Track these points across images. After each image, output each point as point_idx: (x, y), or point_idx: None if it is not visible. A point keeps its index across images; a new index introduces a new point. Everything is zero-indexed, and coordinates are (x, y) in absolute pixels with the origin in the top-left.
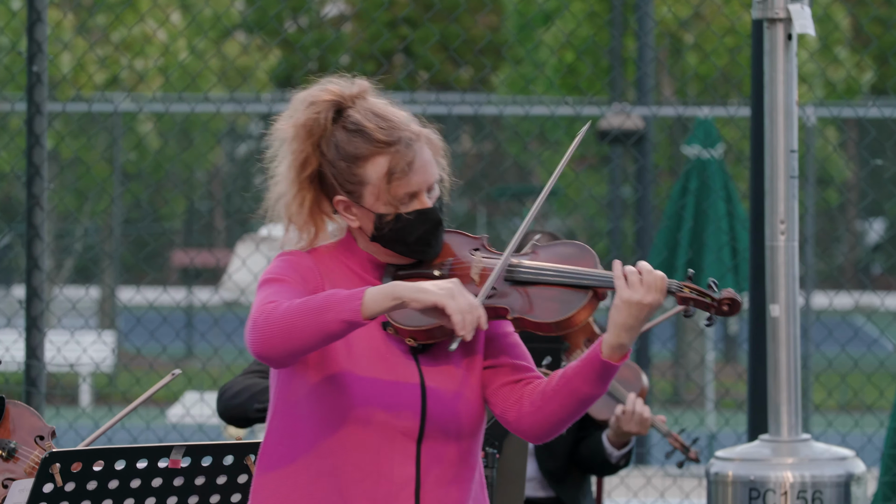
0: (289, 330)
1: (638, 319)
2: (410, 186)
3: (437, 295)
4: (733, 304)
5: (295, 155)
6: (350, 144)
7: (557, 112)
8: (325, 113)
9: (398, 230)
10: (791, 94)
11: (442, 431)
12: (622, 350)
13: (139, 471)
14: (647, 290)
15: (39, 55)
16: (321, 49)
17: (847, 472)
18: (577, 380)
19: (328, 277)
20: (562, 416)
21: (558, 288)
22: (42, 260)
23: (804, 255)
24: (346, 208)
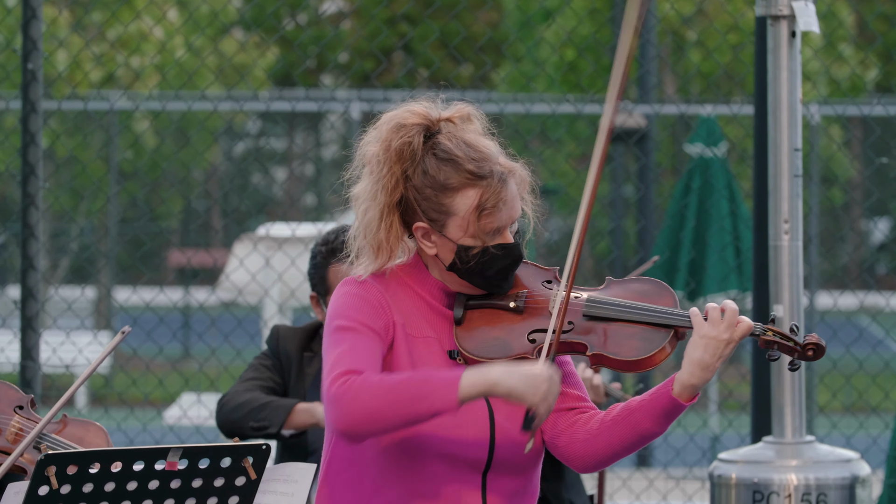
0: (379, 415)
1: (714, 357)
2: (499, 222)
3: (531, 401)
4: (818, 349)
5: (385, 180)
6: (440, 173)
7: (559, 110)
8: (416, 138)
9: (480, 263)
10: (795, 92)
11: (508, 464)
12: (694, 391)
13: (136, 473)
14: (727, 327)
15: (34, 52)
16: (320, 46)
17: (852, 474)
18: (641, 414)
19: (396, 306)
20: (617, 449)
21: (639, 326)
22: (37, 260)
23: (808, 254)
24: (426, 235)
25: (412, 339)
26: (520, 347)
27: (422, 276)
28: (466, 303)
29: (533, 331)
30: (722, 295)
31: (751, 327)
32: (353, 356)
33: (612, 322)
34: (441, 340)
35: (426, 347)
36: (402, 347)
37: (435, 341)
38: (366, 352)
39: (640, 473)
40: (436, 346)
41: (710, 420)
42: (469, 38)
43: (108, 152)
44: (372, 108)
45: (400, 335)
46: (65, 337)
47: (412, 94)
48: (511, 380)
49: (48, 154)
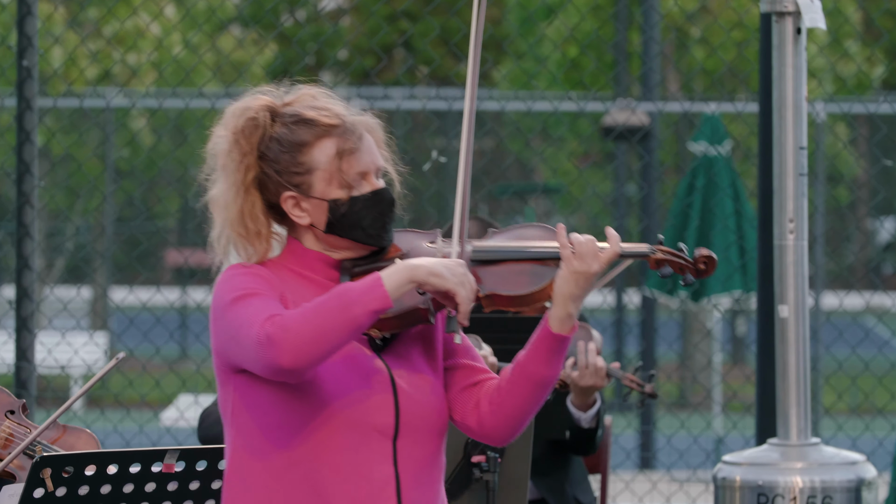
0: (319, 335)
1: (583, 289)
2: (361, 165)
3: (451, 282)
4: (709, 261)
5: (236, 162)
6: (293, 135)
7: (560, 108)
8: (261, 114)
9: (354, 213)
10: (800, 90)
11: (416, 429)
12: (571, 321)
13: (132, 475)
14: (592, 259)
15: (30, 49)
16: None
17: (858, 476)
18: (532, 364)
19: (286, 290)
20: (524, 408)
21: (527, 263)
22: (32, 259)
23: (814, 254)
24: (296, 204)
25: None
26: (411, 300)
27: (301, 255)
28: (353, 270)
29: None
30: (726, 295)
31: (616, 253)
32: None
33: (500, 264)
34: None
35: None
36: None
37: None
38: (275, 307)
39: (644, 476)
40: None
41: (714, 422)
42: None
43: (104, 150)
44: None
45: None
46: (60, 337)
47: (412, 91)
48: (430, 262)
49: (43, 152)
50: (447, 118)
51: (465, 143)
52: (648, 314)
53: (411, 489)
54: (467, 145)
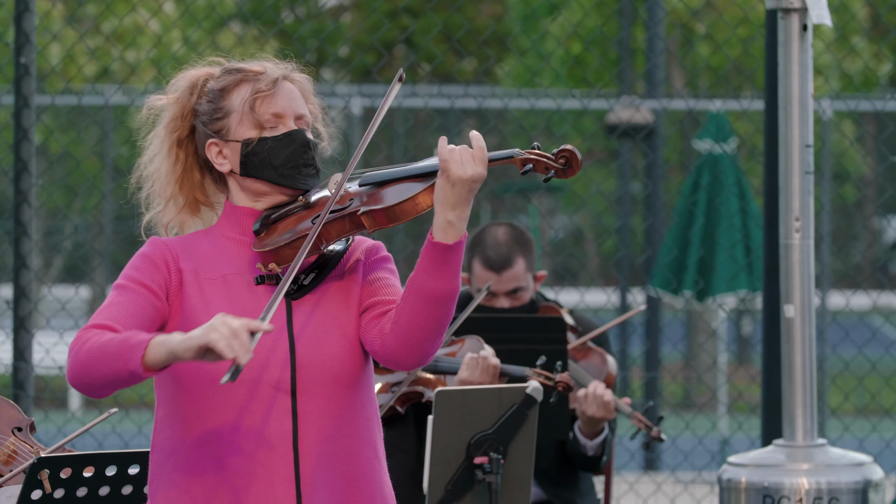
0: (88, 370)
1: (460, 196)
2: (275, 107)
3: (200, 336)
4: (571, 155)
5: (165, 123)
6: (218, 83)
7: (564, 105)
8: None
9: (265, 153)
10: (806, 87)
11: (316, 382)
12: (453, 228)
13: (131, 477)
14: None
15: (27, 46)
16: (319, 40)
17: (864, 478)
18: (419, 276)
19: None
20: (418, 323)
21: (405, 181)
22: (30, 258)
23: (820, 253)
24: (219, 152)
25: (207, 281)
26: (304, 229)
27: (231, 214)
28: (268, 218)
29: (317, 215)
30: (731, 295)
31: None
32: (110, 311)
33: (384, 185)
34: (243, 272)
35: (223, 285)
36: (195, 294)
37: (234, 276)
38: (128, 306)
39: (648, 477)
40: (235, 281)
41: (719, 423)
42: (472, 32)
43: (102, 148)
44: (373, 104)
45: (190, 282)
46: (58, 338)
47: (414, 88)
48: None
49: (41, 150)
50: (449, 116)
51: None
52: (653, 314)
53: (313, 445)
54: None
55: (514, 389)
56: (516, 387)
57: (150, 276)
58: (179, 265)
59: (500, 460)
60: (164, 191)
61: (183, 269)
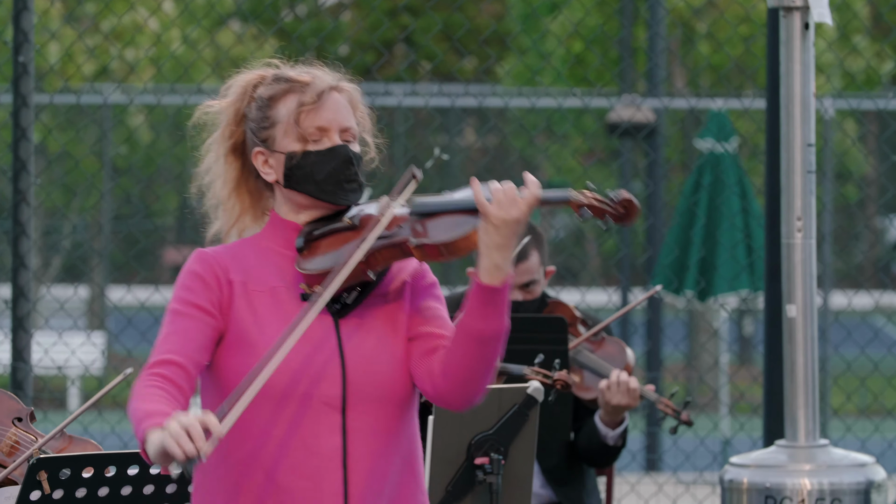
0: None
1: (506, 237)
2: (319, 120)
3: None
4: (629, 205)
5: (221, 130)
6: (267, 90)
7: (565, 104)
8: (248, 82)
9: (307, 167)
10: (808, 86)
11: (366, 399)
12: (499, 271)
13: (130, 478)
14: (510, 205)
15: (26, 45)
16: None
17: (867, 478)
18: (468, 319)
19: (239, 266)
20: (469, 366)
21: (457, 214)
22: (28, 258)
23: (822, 253)
24: (265, 161)
25: (255, 293)
26: (349, 253)
27: (277, 226)
28: (311, 234)
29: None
30: (733, 295)
31: (536, 197)
32: (166, 343)
33: (434, 216)
34: (291, 287)
35: (272, 298)
36: (243, 306)
37: (283, 290)
38: (180, 334)
39: (650, 478)
40: (283, 295)
41: (720, 423)
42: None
43: (101, 147)
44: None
45: (239, 294)
46: (57, 337)
47: (414, 87)
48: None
49: (40, 149)
50: (449, 115)
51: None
52: (654, 314)
53: (361, 460)
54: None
55: (515, 389)
56: (517, 387)
57: (204, 296)
58: (229, 277)
59: (500, 461)
60: (222, 198)
61: (233, 280)
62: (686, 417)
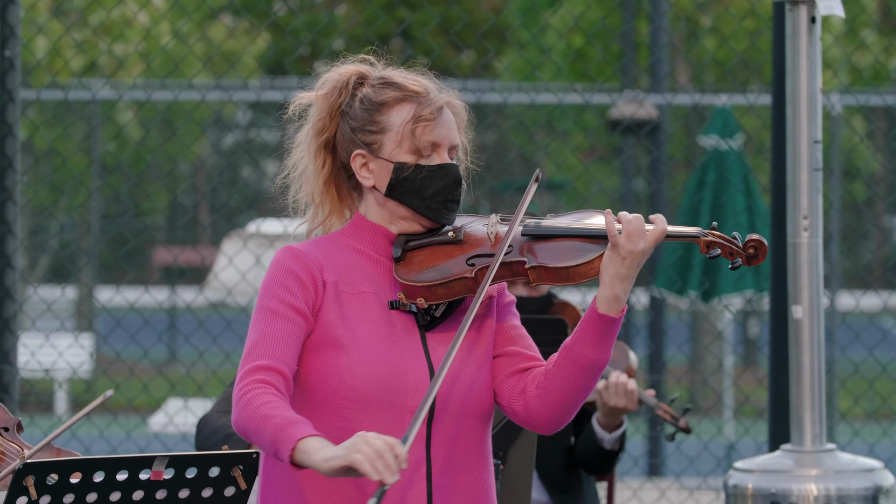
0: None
1: (631, 269)
2: (435, 136)
3: (342, 456)
4: (759, 246)
5: (314, 123)
6: (376, 95)
7: (565, 100)
8: (346, 78)
9: (417, 181)
10: (815, 81)
11: (452, 412)
12: (619, 303)
13: (119, 483)
14: (639, 238)
15: (12, 39)
16: (313, 33)
17: (875, 484)
18: (579, 345)
19: (331, 265)
20: (570, 392)
21: (575, 239)
22: (15, 258)
23: (829, 252)
24: (364, 164)
25: (345, 295)
26: (458, 269)
27: (363, 228)
28: (406, 244)
29: (472, 256)
30: (738, 295)
31: (663, 231)
32: (265, 346)
33: (551, 240)
34: (380, 293)
35: (361, 303)
36: (333, 306)
37: (372, 295)
38: (279, 337)
39: (652, 483)
40: (372, 300)
41: (725, 427)
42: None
43: (89, 144)
44: None
45: (331, 294)
46: (44, 339)
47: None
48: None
49: (26, 146)
50: None
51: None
52: (657, 315)
53: (444, 473)
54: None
55: None
56: None
57: (301, 297)
58: (324, 277)
59: (499, 466)
60: (313, 195)
61: (327, 281)
62: (684, 424)
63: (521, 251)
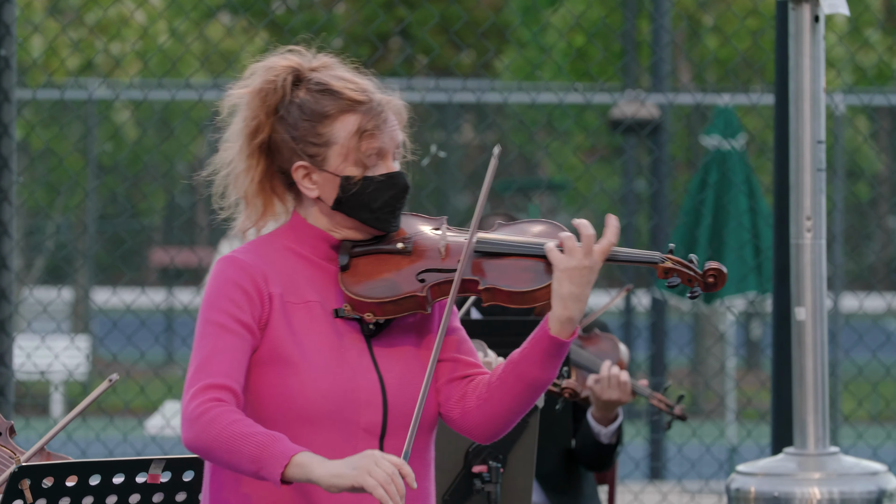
0: (218, 455)
1: (581, 286)
2: (380, 143)
3: (353, 476)
4: (719, 275)
5: (246, 121)
6: (317, 104)
7: (566, 100)
8: (283, 76)
9: (365, 193)
10: (818, 81)
11: (403, 426)
12: (571, 325)
13: (116, 486)
14: (585, 254)
15: (7, 38)
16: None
17: (878, 487)
18: (526, 363)
19: (275, 275)
20: (510, 406)
21: (531, 259)
22: (10, 259)
23: (832, 253)
24: (306, 175)
25: (291, 306)
26: (409, 286)
27: (303, 231)
28: (352, 250)
29: (422, 271)
30: (740, 297)
31: (612, 244)
32: (216, 363)
33: (502, 258)
34: (325, 301)
35: (307, 313)
36: (280, 319)
37: (317, 304)
38: (230, 354)
39: (653, 487)
40: (318, 310)
41: (727, 430)
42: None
43: (86, 144)
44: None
45: (277, 307)
46: (40, 341)
47: (410, 82)
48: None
49: (22, 146)
50: (447, 111)
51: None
52: (659, 317)
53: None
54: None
55: None
56: None
57: (248, 311)
58: (270, 290)
59: (499, 469)
60: (245, 196)
61: (273, 293)
62: (680, 412)
63: (474, 269)
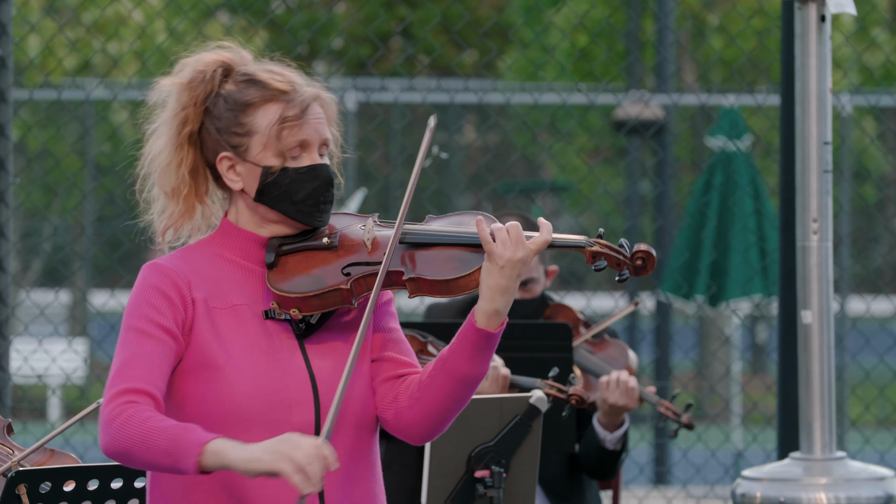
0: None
1: (511, 279)
2: (302, 135)
3: (269, 462)
4: (647, 257)
5: (174, 112)
6: (241, 94)
7: (569, 100)
8: (212, 69)
9: (285, 185)
10: (824, 81)
11: (340, 425)
12: (498, 317)
13: (114, 491)
14: (516, 246)
15: (4, 38)
16: (312, 31)
17: (886, 493)
18: (455, 358)
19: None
20: (444, 403)
21: (456, 248)
22: (7, 261)
23: (839, 256)
24: (231, 167)
25: (217, 311)
26: (333, 280)
27: (232, 235)
28: (279, 248)
29: (348, 265)
30: (746, 300)
31: (546, 241)
32: (135, 368)
33: (428, 248)
34: (253, 304)
35: (234, 317)
36: (205, 324)
37: (245, 307)
38: (149, 359)
39: (658, 492)
40: (246, 313)
41: (732, 435)
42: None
43: (83, 145)
44: (368, 98)
45: (201, 312)
46: (37, 344)
47: (411, 82)
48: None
49: (19, 147)
50: (448, 111)
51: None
52: (663, 320)
53: (337, 488)
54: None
55: (517, 399)
56: (519, 396)
57: (171, 316)
58: (193, 295)
59: (502, 474)
60: (170, 192)
61: (196, 298)
62: (687, 420)
63: (402, 260)
